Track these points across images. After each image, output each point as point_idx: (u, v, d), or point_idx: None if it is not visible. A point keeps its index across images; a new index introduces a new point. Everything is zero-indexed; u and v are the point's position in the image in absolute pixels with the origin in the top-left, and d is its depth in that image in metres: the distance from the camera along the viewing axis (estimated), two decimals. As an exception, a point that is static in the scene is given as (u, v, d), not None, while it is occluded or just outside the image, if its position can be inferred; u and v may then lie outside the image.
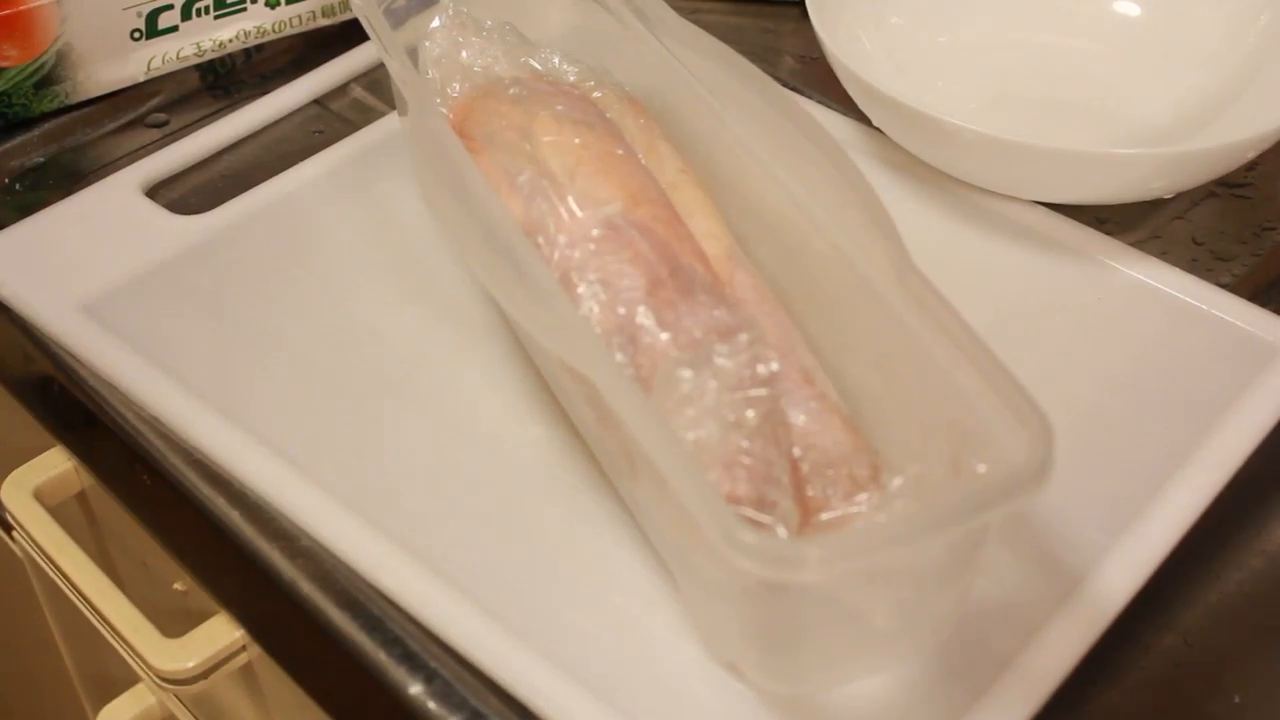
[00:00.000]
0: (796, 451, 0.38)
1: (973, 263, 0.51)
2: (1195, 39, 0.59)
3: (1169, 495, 0.43)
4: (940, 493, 0.34)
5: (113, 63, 0.60)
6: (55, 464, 0.54)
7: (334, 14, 0.64)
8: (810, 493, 0.37)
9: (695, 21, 0.49)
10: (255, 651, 0.48)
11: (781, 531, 0.35)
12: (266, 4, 0.62)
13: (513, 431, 0.45)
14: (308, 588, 0.42)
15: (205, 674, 0.47)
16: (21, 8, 0.57)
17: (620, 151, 0.45)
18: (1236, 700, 0.40)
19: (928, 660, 0.38)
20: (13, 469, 0.54)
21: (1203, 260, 0.52)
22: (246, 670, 0.50)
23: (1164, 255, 0.51)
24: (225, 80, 0.63)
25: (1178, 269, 0.50)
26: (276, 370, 0.48)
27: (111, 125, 0.61)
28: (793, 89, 0.60)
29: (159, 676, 0.47)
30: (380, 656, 0.40)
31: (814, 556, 0.31)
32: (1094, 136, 0.57)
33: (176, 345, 0.48)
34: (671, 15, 0.50)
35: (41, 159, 0.59)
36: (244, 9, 0.61)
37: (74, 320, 0.49)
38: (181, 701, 0.59)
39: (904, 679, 0.38)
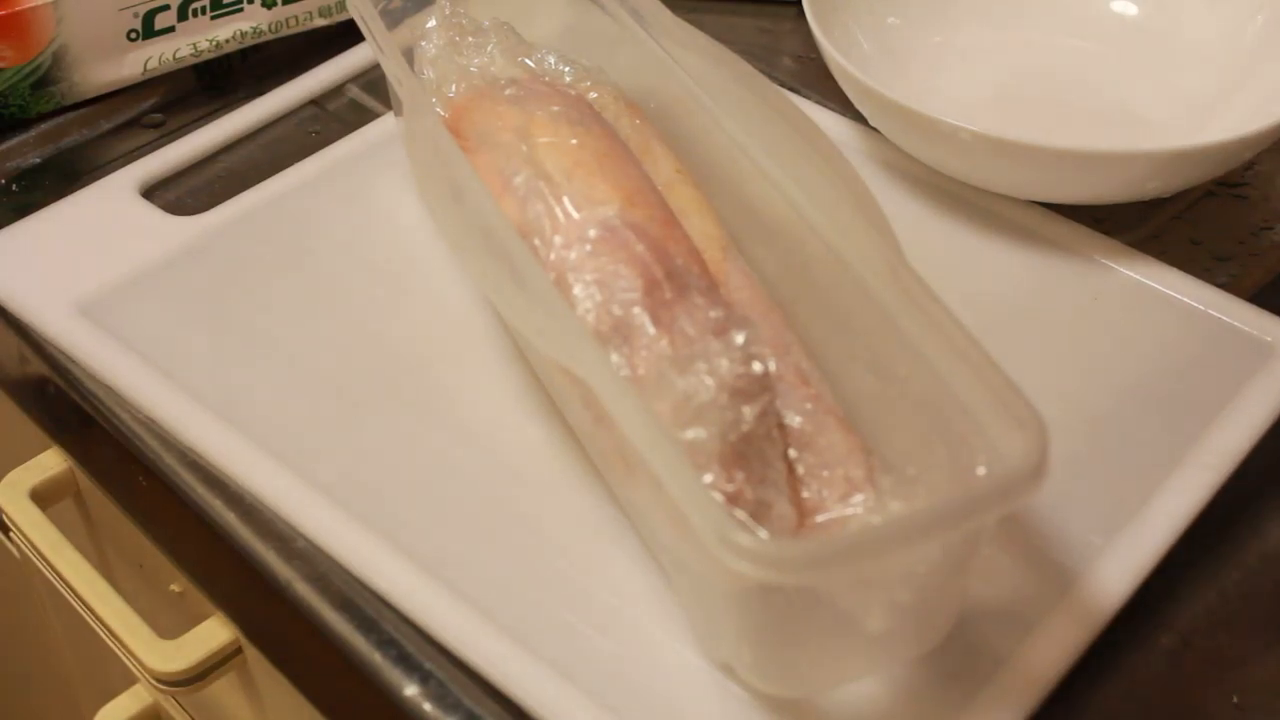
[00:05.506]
0: (792, 453, 0.38)
1: (969, 262, 0.51)
2: (1192, 38, 0.59)
3: (1166, 496, 0.43)
4: (936, 494, 0.34)
5: (109, 63, 0.60)
6: (51, 465, 0.54)
7: (330, 14, 0.63)
8: (806, 494, 0.37)
9: (692, 21, 0.49)
10: (251, 652, 0.48)
11: (776, 534, 0.35)
12: (263, 4, 0.62)
13: (508, 433, 0.45)
14: (303, 589, 0.42)
15: (201, 675, 0.47)
16: (18, 8, 0.57)
17: (616, 152, 0.45)
18: (1235, 700, 0.40)
19: (923, 662, 0.38)
20: (9, 470, 0.54)
21: (1200, 260, 0.52)
22: (242, 671, 0.50)
23: (1162, 255, 0.51)
24: (222, 81, 0.63)
25: (1175, 269, 0.50)
26: (272, 371, 0.48)
27: (108, 126, 0.61)
28: (790, 89, 0.60)
29: (155, 677, 0.47)
30: (375, 658, 0.40)
31: (808, 558, 0.31)
32: (1091, 136, 0.56)
33: (173, 346, 0.48)
34: (667, 15, 0.50)
35: (38, 160, 0.59)
36: (240, 9, 0.61)
37: (70, 321, 0.49)
38: (178, 702, 0.59)
39: (899, 680, 0.38)
